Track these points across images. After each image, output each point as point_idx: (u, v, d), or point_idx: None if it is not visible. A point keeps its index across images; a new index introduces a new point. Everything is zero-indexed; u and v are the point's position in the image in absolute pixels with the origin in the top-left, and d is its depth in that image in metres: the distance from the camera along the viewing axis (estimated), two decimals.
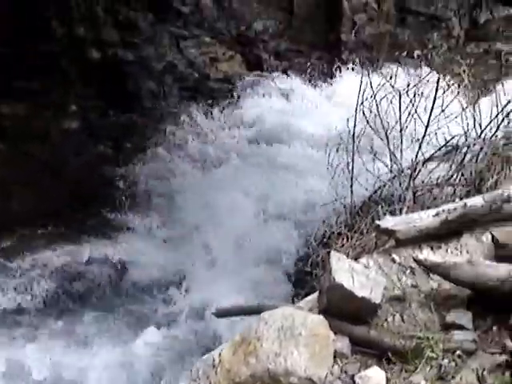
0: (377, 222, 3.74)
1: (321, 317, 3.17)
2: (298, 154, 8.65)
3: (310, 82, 10.99)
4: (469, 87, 4.69)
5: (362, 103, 4.85)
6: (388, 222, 3.74)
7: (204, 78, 11.09)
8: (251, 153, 9.18)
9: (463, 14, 12.22)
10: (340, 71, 10.85)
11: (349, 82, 9.65)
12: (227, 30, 11.32)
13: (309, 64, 11.38)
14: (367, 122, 4.76)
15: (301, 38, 11.52)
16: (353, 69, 10.62)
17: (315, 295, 3.45)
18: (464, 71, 4.56)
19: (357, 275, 3.24)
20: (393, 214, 4.31)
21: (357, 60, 11.21)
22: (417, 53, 11.78)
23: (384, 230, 3.73)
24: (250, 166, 8.65)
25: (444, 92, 4.57)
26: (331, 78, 11.02)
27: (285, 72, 11.27)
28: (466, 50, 12.07)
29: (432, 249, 3.59)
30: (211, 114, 10.55)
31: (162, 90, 10.91)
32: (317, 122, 9.32)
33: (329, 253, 3.37)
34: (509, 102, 4.40)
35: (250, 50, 11.37)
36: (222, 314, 4.21)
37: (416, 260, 3.46)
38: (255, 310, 3.50)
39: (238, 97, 10.76)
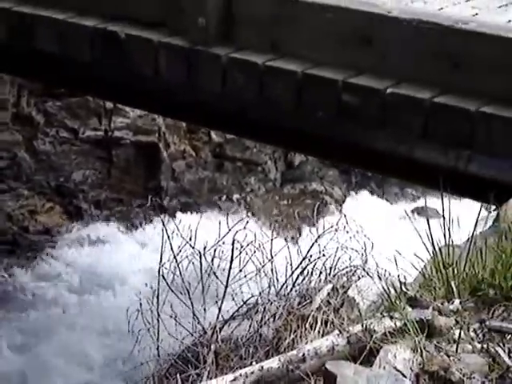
0: None
1: None
2: (108, 312, 8.66)
3: (130, 230, 11.06)
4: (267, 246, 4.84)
5: (163, 265, 4.92)
6: None
7: (23, 231, 10.94)
8: (66, 309, 9.16)
9: (278, 157, 12.67)
10: (162, 220, 10.98)
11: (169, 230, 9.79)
12: (46, 182, 11.26)
13: (130, 212, 11.49)
14: (169, 287, 4.82)
15: (121, 186, 11.61)
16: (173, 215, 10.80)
17: None
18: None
19: None
20: (199, 376, 4.29)
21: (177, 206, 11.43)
22: (235, 196, 12.14)
23: None
24: (64, 326, 8.60)
25: (240, 252, 4.71)
26: (153, 225, 11.12)
27: (106, 221, 11.28)
28: (283, 192, 12.49)
29: None
30: (31, 267, 10.40)
31: None
32: (130, 275, 9.43)
33: None
34: (303, 259, 4.55)
35: (69, 200, 11.34)
36: None
37: None
38: None
39: (58, 249, 10.67)
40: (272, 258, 4.68)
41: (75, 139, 11.37)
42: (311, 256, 4.55)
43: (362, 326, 3.75)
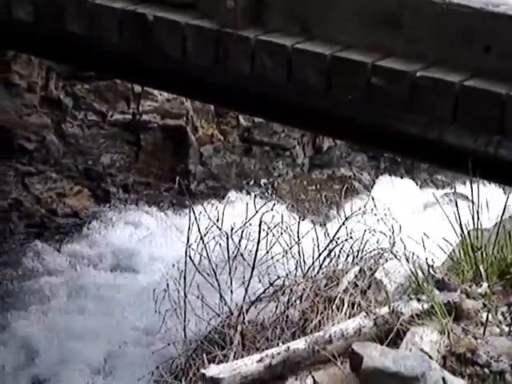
0: (202, 370, 3.72)
1: None
2: (136, 293, 8.71)
3: (157, 213, 11.08)
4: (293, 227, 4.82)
5: (190, 246, 4.93)
6: (213, 370, 3.71)
7: (51, 214, 10.99)
8: (96, 290, 9.21)
9: (306, 142, 12.63)
10: (189, 202, 11.00)
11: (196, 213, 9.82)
12: (74, 165, 11.30)
13: (158, 196, 11.51)
14: (196, 268, 4.82)
15: (149, 170, 11.62)
16: (201, 199, 10.79)
17: None
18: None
19: None
20: (225, 357, 4.30)
21: (205, 190, 11.44)
22: (263, 181, 12.13)
23: (209, 379, 3.70)
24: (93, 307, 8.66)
25: (267, 234, 4.70)
26: (180, 209, 11.13)
27: (134, 205, 11.32)
28: (311, 177, 12.46)
29: None
30: (59, 250, 10.45)
31: (8, 228, 10.73)
32: (157, 257, 9.46)
33: None
34: (331, 241, 4.53)
35: (97, 184, 11.38)
36: None
37: None
38: None
39: (87, 231, 10.72)
40: (299, 239, 4.67)
41: (103, 122, 11.38)
42: (338, 238, 4.54)
43: (389, 308, 3.75)
